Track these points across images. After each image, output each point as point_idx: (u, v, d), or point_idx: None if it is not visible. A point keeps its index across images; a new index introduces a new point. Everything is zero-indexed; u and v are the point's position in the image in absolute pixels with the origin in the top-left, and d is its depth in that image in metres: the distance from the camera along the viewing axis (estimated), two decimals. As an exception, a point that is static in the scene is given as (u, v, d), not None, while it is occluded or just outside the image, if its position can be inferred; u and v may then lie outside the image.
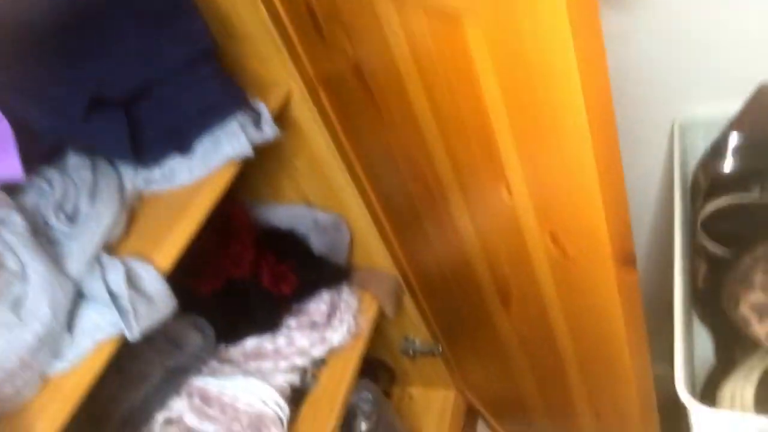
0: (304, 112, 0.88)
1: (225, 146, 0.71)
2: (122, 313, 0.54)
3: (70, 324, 0.54)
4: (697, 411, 0.53)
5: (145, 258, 0.61)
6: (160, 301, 0.57)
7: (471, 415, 1.37)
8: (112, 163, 0.70)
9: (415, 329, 1.26)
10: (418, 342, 1.28)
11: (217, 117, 0.70)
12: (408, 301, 1.18)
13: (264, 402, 0.85)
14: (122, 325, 0.53)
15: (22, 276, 0.53)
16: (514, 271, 0.59)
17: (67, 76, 0.60)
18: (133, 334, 0.54)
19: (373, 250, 1.09)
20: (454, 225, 0.71)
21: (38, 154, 0.63)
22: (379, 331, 1.29)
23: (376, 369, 1.37)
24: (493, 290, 0.70)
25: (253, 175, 1.05)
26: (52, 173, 0.63)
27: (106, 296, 0.54)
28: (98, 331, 0.53)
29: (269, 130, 0.77)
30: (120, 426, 0.77)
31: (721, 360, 0.80)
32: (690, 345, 0.72)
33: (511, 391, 0.99)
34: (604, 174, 0.36)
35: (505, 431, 1.24)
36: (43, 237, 0.59)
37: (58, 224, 0.61)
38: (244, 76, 0.83)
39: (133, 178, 0.70)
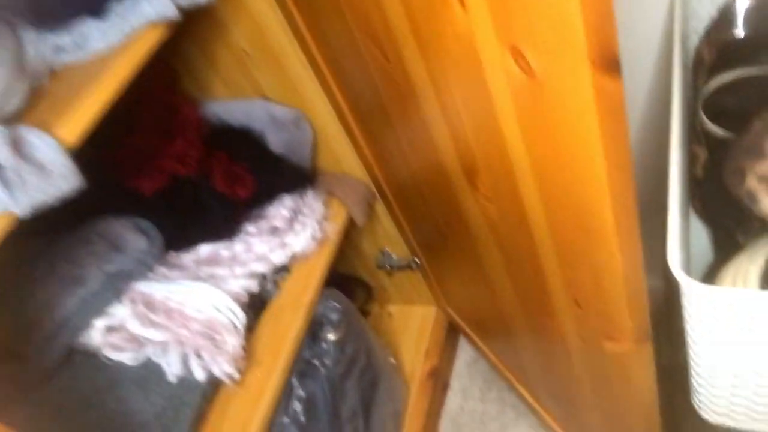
0: (250, -19, 0.77)
1: (144, 6, 0.60)
2: (8, 186, 0.44)
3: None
4: (692, 290, 0.45)
5: (47, 130, 0.51)
6: (59, 174, 0.48)
7: (453, 331, 1.32)
8: (10, 24, 0.59)
9: (391, 242, 1.18)
10: (395, 256, 1.21)
11: (133, -31, 0.59)
12: (382, 211, 1.10)
13: (215, 307, 0.78)
14: (8, 201, 0.44)
15: None
16: (475, 128, 0.50)
17: None
18: (22, 208, 0.45)
19: (340, 152, 1.00)
20: (420, 107, 0.61)
21: None
22: (353, 245, 1.22)
23: (353, 285, 1.31)
24: (459, 170, 0.61)
25: (202, 70, 0.94)
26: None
27: (-13, 166, 0.45)
28: (-21, 207, 0.44)
29: (203, -6, 0.66)
30: (54, 332, 0.70)
31: (720, 254, 0.73)
32: (686, 233, 0.64)
33: (489, 302, 0.92)
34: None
35: (487, 347, 1.18)
36: None
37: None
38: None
39: (37, 44, 0.59)
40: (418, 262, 1.18)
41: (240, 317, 0.79)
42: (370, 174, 1.02)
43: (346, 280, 1.30)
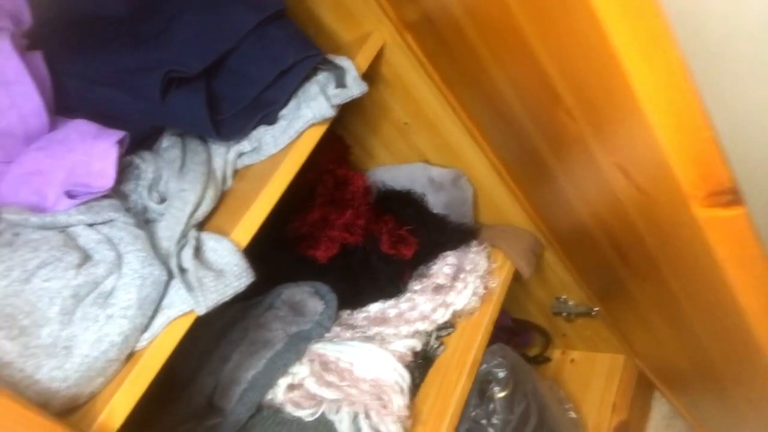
0: (402, 61, 0.82)
1: (305, 110, 0.68)
2: (190, 289, 0.55)
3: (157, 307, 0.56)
4: None
5: (224, 233, 0.62)
6: (232, 273, 0.57)
7: (646, 383, 1.21)
8: (204, 141, 0.72)
9: (567, 289, 1.14)
10: (571, 303, 1.16)
11: (292, 81, 0.68)
12: (552, 258, 1.06)
13: (382, 368, 0.83)
14: (192, 302, 0.54)
15: (119, 269, 0.54)
16: (614, 219, 0.47)
17: (140, 62, 0.62)
18: (200, 309, 0.54)
19: (502, 205, 1.00)
20: (554, 169, 0.59)
21: (134, 139, 0.66)
22: (527, 292, 1.20)
23: (529, 331, 1.29)
24: (608, 245, 0.58)
25: (369, 140, 1.03)
26: (146, 155, 0.67)
27: (178, 273, 0.55)
28: (171, 308, 0.55)
29: (356, 87, 0.73)
30: (245, 391, 0.81)
31: None
32: None
33: (668, 355, 0.83)
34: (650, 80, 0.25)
35: (682, 405, 1.07)
36: (142, 220, 0.63)
37: (152, 205, 0.64)
38: (329, 31, 0.79)
39: (225, 154, 0.71)
40: (597, 309, 1.11)
41: (405, 378, 0.84)
42: (535, 224, 1.00)
43: (523, 326, 1.28)
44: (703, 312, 0.53)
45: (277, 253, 0.94)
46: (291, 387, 0.83)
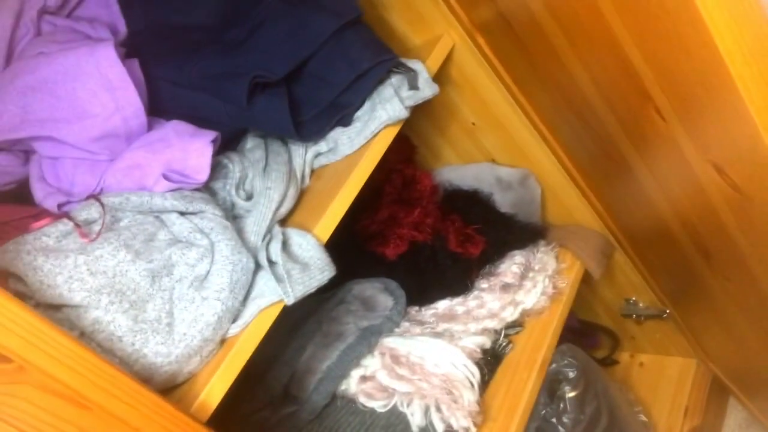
0: (471, 63, 0.84)
1: (380, 112, 0.71)
2: (279, 280, 0.58)
3: (246, 295, 0.60)
4: None
5: (306, 228, 0.65)
6: (316, 267, 0.60)
7: (721, 388, 1.18)
8: (285, 142, 0.75)
9: (637, 291, 1.12)
10: (641, 305, 1.14)
11: (368, 84, 0.71)
12: (622, 259, 1.05)
13: (452, 364, 0.85)
14: (281, 292, 0.58)
15: (211, 255, 0.59)
16: (700, 218, 0.47)
17: (227, 67, 0.67)
18: (290, 299, 0.58)
19: (571, 205, 1.00)
20: (635, 166, 0.59)
21: (223, 140, 0.70)
22: (595, 293, 1.18)
23: (597, 333, 1.27)
24: (690, 244, 0.57)
25: (436, 141, 1.05)
26: (233, 155, 0.71)
27: (267, 265, 0.59)
28: (262, 297, 0.58)
29: (428, 89, 0.75)
30: (320, 381, 0.84)
31: None
32: None
33: (749, 358, 0.81)
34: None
35: (759, 411, 1.03)
36: (230, 216, 0.67)
37: (239, 201, 0.68)
38: (400, 35, 0.82)
39: (304, 154, 0.75)
40: (668, 311, 1.09)
41: (475, 374, 0.85)
42: (605, 224, 0.99)
43: (590, 327, 1.27)
44: None
45: (348, 250, 0.97)
46: (363, 379, 0.85)
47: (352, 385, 0.85)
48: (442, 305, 0.95)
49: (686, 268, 0.75)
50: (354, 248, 0.98)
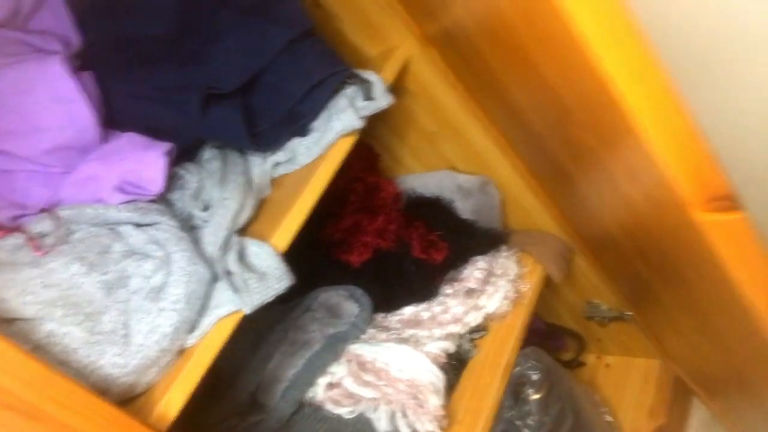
0: (427, 73, 0.86)
1: (335, 122, 0.72)
2: (236, 290, 0.58)
3: (204, 305, 0.60)
4: None
5: (264, 238, 0.65)
6: (274, 276, 0.61)
7: (683, 389, 1.20)
8: (243, 153, 0.76)
9: (598, 293, 1.14)
10: (603, 307, 1.17)
11: (323, 95, 0.72)
12: (583, 263, 1.07)
13: (418, 369, 0.85)
14: (238, 301, 0.58)
15: (167, 266, 0.59)
16: (634, 224, 0.49)
17: (182, 79, 0.67)
18: (247, 309, 0.58)
19: (530, 210, 1.02)
20: (575, 176, 0.62)
21: (177, 151, 0.71)
22: (559, 296, 1.21)
23: (563, 336, 1.29)
24: (632, 249, 0.60)
25: (398, 149, 1.06)
26: (190, 166, 0.71)
27: (224, 275, 0.59)
28: (220, 307, 0.59)
29: (383, 99, 0.76)
30: (287, 389, 0.85)
31: None
32: None
33: (701, 358, 0.83)
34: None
35: (718, 410, 1.06)
36: (187, 227, 0.67)
37: (196, 212, 0.69)
38: (357, 47, 0.84)
39: (262, 164, 0.76)
40: (629, 313, 1.11)
41: (440, 378, 0.86)
42: (563, 229, 1.01)
43: (557, 330, 1.29)
44: (722, 313, 0.54)
45: (313, 259, 0.97)
46: (330, 386, 0.86)
47: (319, 392, 0.86)
48: (408, 311, 0.96)
49: (635, 272, 0.78)
50: (320, 256, 0.99)
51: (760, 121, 0.63)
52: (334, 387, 0.86)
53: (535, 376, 0.94)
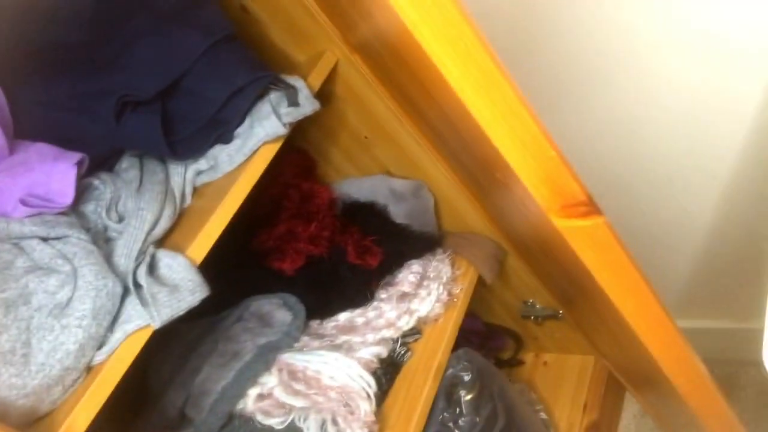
0: (355, 78, 0.86)
1: (257, 129, 0.71)
2: (144, 304, 0.57)
3: (113, 320, 0.58)
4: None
5: (181, 249, 0.64)
6: (187, 289, 0.60)
7: (616, 383, 1.24)
8: (163, 161, 0.74)
9: (533, 293, 1.17)
10: (538, 306, 1.19)
11: (245, 101, 0.71)
12: (517, 263, 1.09)
13: (349, 376, 0.85)
14: (146, 317, 0.57)
15: (74, 281, 0.57)
16: (530, 226, 0.50)
17: (96, 86, 0.65)
18: (156, 323, 0.57)
19: (464, 213, 1.03)
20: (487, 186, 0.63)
21: (94, 161, 0.68)
22: (497, 296, 1.22)
23: (502, 335, 1.31)
24: (540, 251, 0.61)
25: (333, 154, 1.06)
26: (105, 176, 0.69)
27: (134, 289, 0.58)
28: (129, 322, 0.57)
29: (308, 105, 0.76)
30: (216, 402, 0.83)
31: None
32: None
33: (627, 358, 0.86)
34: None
35: (644, 402, 1.10)
36: (102, 239, 0.65)
37: (111, 224, 0.66)
38: (284, 52, 0.83)
39: (183, 173, 0.74)
40: (562, 312, 1.14)
41: (371, 384, 0.86)
42: (495, 231, 1.03)
43: (495, 330, 1.31)
44: (608, 315, 0.57)
45: (247, 268, 0.96)
46: (260, 396, 0.85)
47: (249, 403, 0.84)
48: (343, 317, 0.96)
49: (553, 274, 0.80)
50: (253, 266, 0.97)
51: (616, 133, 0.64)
52: (265, 398, 0.85)
53: (466, 377, 0.95)
